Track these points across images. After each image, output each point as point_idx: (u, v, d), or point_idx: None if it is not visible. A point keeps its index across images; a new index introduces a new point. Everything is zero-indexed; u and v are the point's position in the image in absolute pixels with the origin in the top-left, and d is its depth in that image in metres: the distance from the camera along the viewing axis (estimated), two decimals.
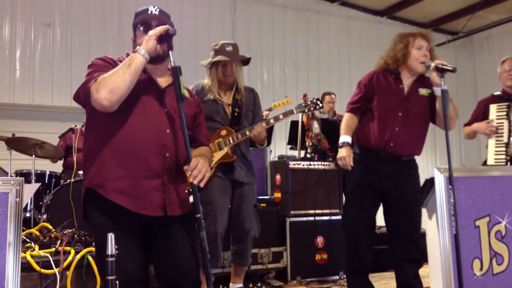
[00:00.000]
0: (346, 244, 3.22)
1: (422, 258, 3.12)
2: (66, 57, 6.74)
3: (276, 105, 5.10)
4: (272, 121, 3.37)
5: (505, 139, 3.75)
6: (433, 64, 2.82)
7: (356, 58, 8.51)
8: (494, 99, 3.95)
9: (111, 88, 1.86)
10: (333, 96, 6.21)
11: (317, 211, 4.42)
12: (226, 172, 3.25)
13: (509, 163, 3.72)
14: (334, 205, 4.51)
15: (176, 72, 1.97)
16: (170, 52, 2.00)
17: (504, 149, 3.74)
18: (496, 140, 3.79)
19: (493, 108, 3.86)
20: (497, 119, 3.82)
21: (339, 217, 4.44)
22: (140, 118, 1.98)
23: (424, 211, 3.16)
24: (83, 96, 1.96)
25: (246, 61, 3.49)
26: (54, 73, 6.67)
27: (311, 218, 4.40)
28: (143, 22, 2.10)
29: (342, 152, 3.08)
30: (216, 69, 3.32)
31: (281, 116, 3.40)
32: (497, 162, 3.75)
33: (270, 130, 4.86)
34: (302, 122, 4.88)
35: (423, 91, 3.09)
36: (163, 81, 2.11)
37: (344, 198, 4.17)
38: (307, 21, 8.47)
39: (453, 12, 8.73)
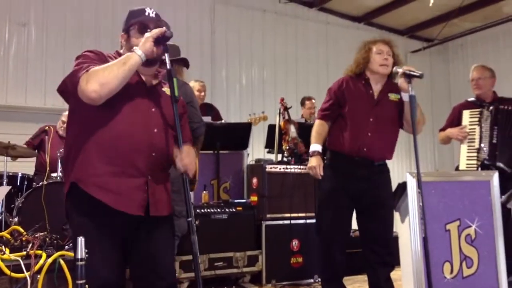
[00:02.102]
0: (321, 250, 3.24)
1: (394, 261, 3.16)
2: (41, 57, 6.62)
3: (252, 120, 5.12)
4: None
5: (476, 145, 3.83)
6: (400, 70, 2.87)
7: (334, 63, 8.57)
8: (468, 105, 4.03)
9: (102, 82, 1.84)
10: (313, 101, 6.25)
11: (293, 215, 4.44)
12: None
13: (479, 168, 3.79)
14: (310, 208, 4.53)
15: (171, 74, 1.97)
16: (166, 54, 1.99)
17: (475, 154, 3.82)
18: (468, 146, 3.87)
19: (466, 114, 3.94)
20: (470, 124, 3.89)
21: (314, 220, 4.46)
22: (128, 116, 1.96)
23: (396, 215, 3.21)
24: (70, 86, 1.91)
25: None
26: (28, 73, 6.55)
27: (287, 222, 4.41)
28: (140, 23, 2.07)
29: (312, 162, 3.12)
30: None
31: None
32: (469, 167, 3.82)
33: (247, 133, 4.88)
34: (280, 125, 4.90)
35: (392, 96, 3.14)
36: (150, 80, 2.10)
37: None
38: (286, 25, 8.51)
39: (428, 20, 8.87)
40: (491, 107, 3.88)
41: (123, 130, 1.94)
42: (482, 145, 3.80)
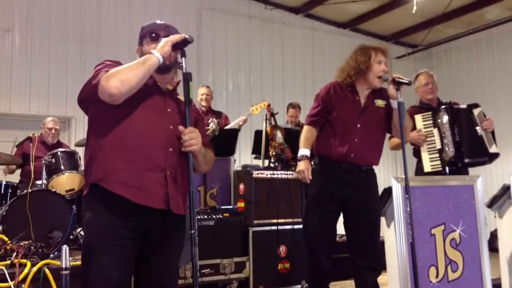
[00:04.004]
0: (307, 254, 3.25)
1: (381, 266, 3.18)
2: (26, 64, 6.55)
3: (254, 109, 5.18)
4: None
5: (438, 145, 3.91)
6: (390, 77, 2.91)
7: (320, 68, 8.64)
8: (415, 111, 4.08)
9: (123, 79, 1.90)
10: (297, 109, 6.27)
11: (280, 221, 4.44)
12: None
13: (446, 167, 3.87)
14: (297, 214, 4.53)
15: (187, 77, 2.02)
16: (183, 59, 2.04)
17: (437, 155, 3.90)
18: (428, 148, 3.95)
19: (418, 118, 4.01)
20: (425, 127, 3.97)
21: (301, 226, 4.47)
22: (145, 114, 2.01)
23: (382, 220, 3.23)
24: (90, 89, 1.96)
25: None
26: (12, 80, 6.47)
27: (274, 228, 4.41)
28: (151, 31, 2.14)
29: (301, 166, 3.13)
30: None
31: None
32: (434, 168, 3.90)
33: (234, 139, 4.88)
34: (266, 131, 4.91)
35: (379, 103, 3.17)
36: (169, 85, 2.17)
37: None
38: (272, 31, 8.55)
39: (412, 26, 8.98)
40: (442, 107, 3.96)
41: (141, 126, 1.99)
42: (446, 143, 3.87)
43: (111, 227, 1.94)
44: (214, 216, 4.23)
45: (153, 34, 2.13)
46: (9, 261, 3.16)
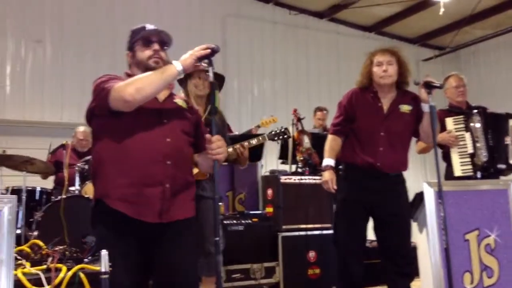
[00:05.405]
0: (337, 261, 3.23)
1: (413, 272, 3.14)
2: (58, 73, 6.72)
3: (264, 122, 5.19)
4: (245, 144, 3.37)
5: (469, 150, 3.83)
6: (421, 81, 2.88)
7: (345, 73, 8.58)
8: (445, 114, 4.01)
9: (139, 87, 1.94)
10: (324, 112, 6.28)
11: (309, 226, 4.43)
12: None
13: (478, 172, 3.79)
14: (326, 219, 4.52)
15: (213, 87, 2.05)
16: (210, 69, 2.04)
17: (469, 159, 3.82)
18: (459, 152, 3.87)
19: (449, 121, 3.93)
20: (456, 131, 3.90)
21: (331, 231, 4.43)
22: (141, 129, 2.03)
23: (414, 225, 3.20)
24: (101, 101, 1.99)
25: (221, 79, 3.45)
26: (45, 89, 6.65)
27: (303, 233, 4.41)
28: (144, 37, 2.16)
29: (325, 176, 3.14)
30: (192, 80, 3.18)
31: (253, 142, 3.41)
32: (465, 173, 3.82)
33: (260, 145, 4.89)
34: (293, 136, 4.92)
35: (404, 108, 3.13)
36: (161, 94, 2.15)
37: None
38: (296, 36, 8.56)
39: (439, 28, 8.88)
40: (475, 111, 3.88)
41: (136, 142, 2.01)
42: (479, 147, 3.80)
43: (115, 240, 1.99)
44: (243, 221, 4.26)
45: (146, 40, 2.14)
46: (45, 266, 3.22)
